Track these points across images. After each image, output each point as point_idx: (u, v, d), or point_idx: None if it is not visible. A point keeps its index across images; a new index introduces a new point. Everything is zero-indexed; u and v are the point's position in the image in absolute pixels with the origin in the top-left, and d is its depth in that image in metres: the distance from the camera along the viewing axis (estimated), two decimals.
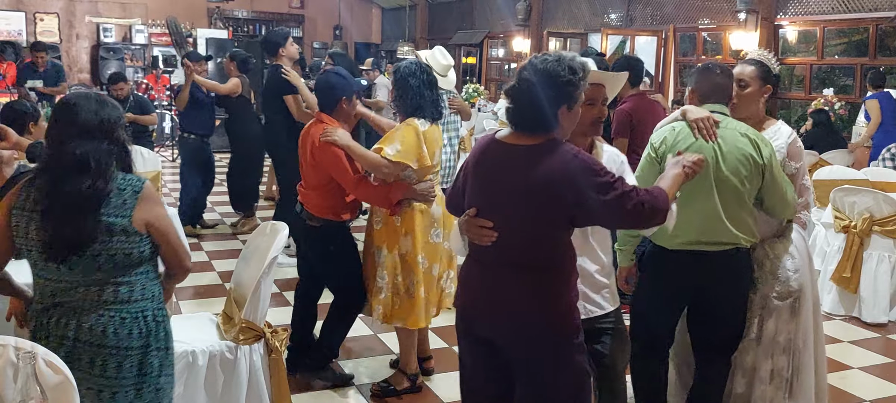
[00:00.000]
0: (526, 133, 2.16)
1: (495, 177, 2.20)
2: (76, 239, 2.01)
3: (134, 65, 14.84)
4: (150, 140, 7.79)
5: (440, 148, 3.51)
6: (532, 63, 2.16)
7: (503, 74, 14.96)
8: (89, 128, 2.07)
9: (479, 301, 2.26)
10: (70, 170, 2.02)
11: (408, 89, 3.38)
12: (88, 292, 2.07)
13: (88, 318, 2.06)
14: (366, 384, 3.69)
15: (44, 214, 2.03)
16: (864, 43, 8.83)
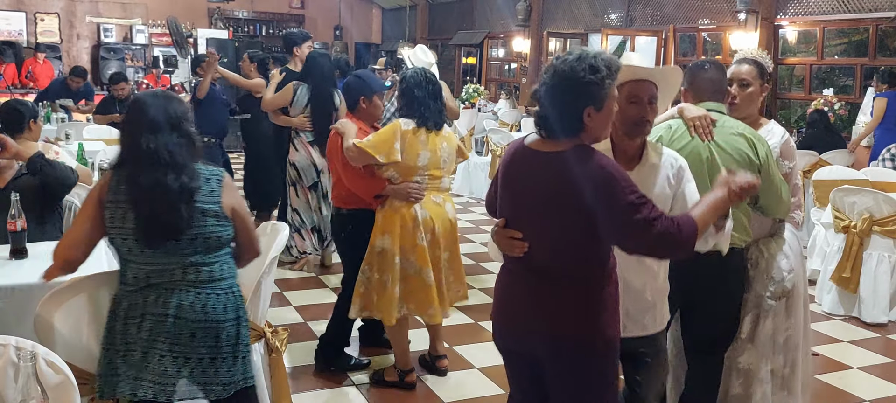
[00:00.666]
0: (552, 138, 2.05)
1: (523, 184, 2.12)
2: (175, 227, 2.20)
3: (134, 65, 14.84)
4: None
5: (435, 153, 3.51)
6: (553, 64, 2.05)
7: (503, 75, 14.96)
8: (158, 122, 2.24)
9: (511, 312, 2.19)
10: (145, 164, 2.20)
11: (414, 100, 3.49)
12: (185, 272, 2.24)
13: (187, 296, 2.24)
14: (366, 384, 3.70)
15: (137, 206, 2.20)
16: (864, 43, 8.84)
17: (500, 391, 3.67)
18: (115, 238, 2.25)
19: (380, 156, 3.38)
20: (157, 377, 2.19)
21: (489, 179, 8.55)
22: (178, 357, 2.20)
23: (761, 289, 2.88)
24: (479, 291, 5.25)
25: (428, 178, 3.52)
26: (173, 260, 2.23)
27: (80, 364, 2.32)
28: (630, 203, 1.95)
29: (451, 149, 3.63)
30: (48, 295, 2.27)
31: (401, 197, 3.47)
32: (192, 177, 2.23)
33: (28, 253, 2.92)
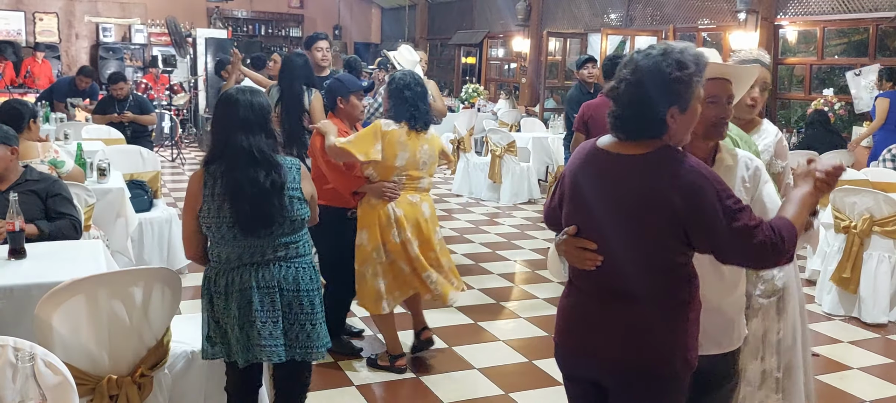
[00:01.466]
0: (631, 140, 1.86)
1: (598, 191, 1.91)
2: (269, 218, 2.45)
3: (133, 64, 14.83)
4: (150, 140, 7.77)
5: (414, 154, 3.64)
6: (634, 59, 1.86)
7: (503, 74, 14.95)
8: (249, 120, 2.46)
9: (579, 334, 1.98)
10: (240, 161, 2.44)
11: (404, 101, 3.62)
12: (276, 251, 2.51)
13: (282, 270, 2.51)
14: (365, 384, 3.69)
15: (234, 200, 2.43)
16: (864, 43, 8.83)
17: (500, 391, 3.67)
18: (211, 225, 2.48)
19: (360, 154, 3.52)
20: (266, 341, 2.47)
21: (489, 179, 8.55)
22: (279, 323, 2.50)
23: (751, 288, 2.87)
24: (479, 291, 5.25)
25: (405, 178, 3.66)
26: (266, 243, 2.49)
27: (78, 364, 2.32)
28: (728, 209, 1.77)
29: (431, 151, 3.73)
30: (46, 296, 2.26)
31: (376, 195, 3.62)
32: (280, 172, 2.49)
33: (26, 254, 2.91)
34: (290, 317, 2.54)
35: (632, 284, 1.88)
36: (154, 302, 2.48)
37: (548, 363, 4.02)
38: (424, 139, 3.69)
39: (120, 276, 2.49)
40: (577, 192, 1.97)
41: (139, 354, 2.47)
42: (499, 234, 7.02)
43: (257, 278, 2.48)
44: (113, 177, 4.84)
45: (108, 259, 3.19)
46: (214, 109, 2.57)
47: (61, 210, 3.41)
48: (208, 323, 2.57)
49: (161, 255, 5.15)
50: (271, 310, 2.49)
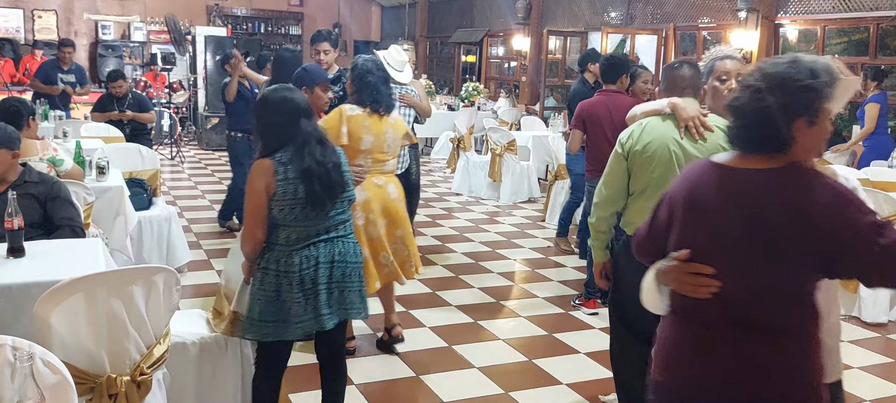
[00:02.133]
0: (752, 153, 1.74)
1: (718, 210, 1.75)
2: (335, 193, 2.75)
3: (132, 62, 14.82)
4: (149, 138, 7.76)
5: (379, 137, 3.77)
6: (760, 68, 1.74)
7: (503, 73, 14.94)
8: (306, 110, 2.77)
9: (697, 371, 1.80)
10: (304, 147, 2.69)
11: (366, 85, 3.77)
12: (336, 228, 2.79)
13: (342, 245, 2.79)
14: (363, 383, 3.69)
15: (307, 180, 2.67)
16: (865, 42, 8.83)
17: (500, 390, 3.66)
18: (285, 208, 2.67)
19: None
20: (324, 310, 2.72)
21: (489, 178, 8.54)
22: (340, 290, 2.78)
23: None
24: (479, 290, 5.24)
25: (371, 161, 3.80)
26: (325, 221, 2.75)
27: (77, 363, 2.31)
28: (871, 225, 1.63)
29: (396, 134, 3.87)
30: (45, 295, 2.25)
31: None
32: (335, 152, 2.80)
33: (25, 252, 2.90)
34: (344, 286, 2.80)
35: (759, 314, 1.72)
36: (153, 301, 2.47)
37: (547, 362, 4.01)
38: (388, 123, 3.82)
39: (119, 275, 2.48)
40: (691, 211, 1.81)
41: (138, 353, 2.46)
42: (499, 233, 7.01)
43: (322, 253, 2.74)
44: (112, 175, 4.83)
45: (108, 257, 3.18)
46: (268, 104, 2.76)
47: (62, 214, 3.39)
48: (262, 304, 2.69)
49: (160, 254, 5.14)
50: (331, 282, 2.76)
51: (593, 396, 3.63)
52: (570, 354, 4.15)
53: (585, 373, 3.89)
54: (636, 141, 2.78)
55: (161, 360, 2.56)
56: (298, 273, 2.68)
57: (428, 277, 5.45)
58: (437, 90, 14.68)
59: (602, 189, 2.93)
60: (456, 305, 4.88)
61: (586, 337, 4.39)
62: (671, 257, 1.82)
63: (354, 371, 3.80)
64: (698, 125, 2.69)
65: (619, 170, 2.83)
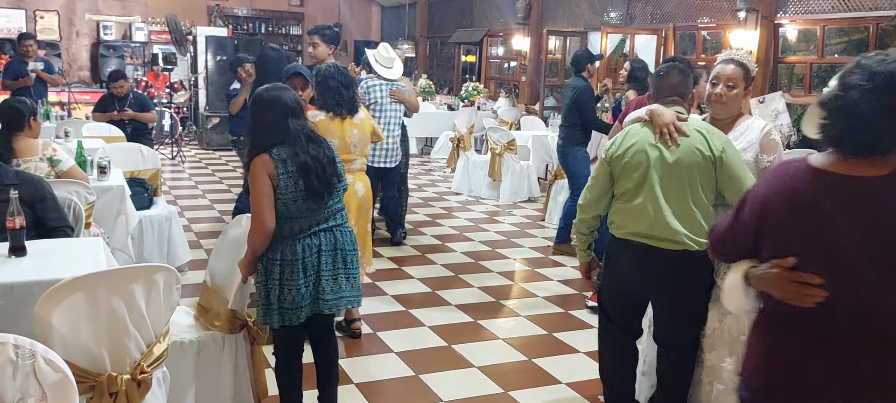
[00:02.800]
0: (857, 156, 1.66)
1: (832, 218, 1.67)
2: (332, 185, 2.90)
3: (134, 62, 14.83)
4: (150, 138, 7.78)
5: (343, 139, 3.98)
6: (863, 65, 1.65)
7: (503, 73, 14.95)
8: (294, 108, 2.89)
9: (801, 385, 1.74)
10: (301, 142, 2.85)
11: (328, 90, 3.96)
12: (333, 217, 2.95)
13: (339, 233, 2.96)
14: (363, 382, 3.70)
15: (306, 174, 2.82)
16: (865, 42, 8.83)
17: (499, 389, 3.68)
18: (288, 201, 2.82)
19: None
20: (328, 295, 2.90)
21: (488, 177, 8.55)
22: (339, 277, 2.93)
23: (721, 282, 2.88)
24: (478, 289, 5.25)
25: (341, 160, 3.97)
26: (324, 212, 2.91)
27: (78, 362, 2.33)
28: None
29: (362, 134, 4.05)
30: (47, 293, 2.27)
31: None
32: (328, 147, 2.95)
33: (27, 251, 2.92)
34: (345, 272, 2.97)
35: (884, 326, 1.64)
36: (154, 300, 2.49)
37: (547, 361, 4.02)
38: (352, 124, 4.01)
39: (120, 274, 2.49)
40: (797, 219, 1.72)
41: (139, 351, 2.48)
42: (498, 232, 7.02)
43: (324, 241, 2.91)
44: (113, 174, 4.85)
45: (109, 256, 3.20)
46: (260, 104, 2.90)
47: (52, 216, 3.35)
48: (269, 293, 2.88)
49: (161, 253, 5.16)
50: (332, 268, 2.92)
51: (592, 395, 3.64)
52: (569, 353, 4.17)
53: (585, 373, 3.91)
54: (618, 147, 2.92)
55: (161, 359, 2.57)
56: (301, 260, 2.85)
57: (428, 276, 5.47)
58: (437, 90, 14.70)
59: (586, 193, 3.06)
60: (456, 304, 4.90)
61: (586, 337, 4.41)
62: (774, 264, 1.75)
63: (354, 371, 3.81)
64: (672, 131, 2.79)
65: (603, 175, 2.98)
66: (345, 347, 4.13)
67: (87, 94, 12.33)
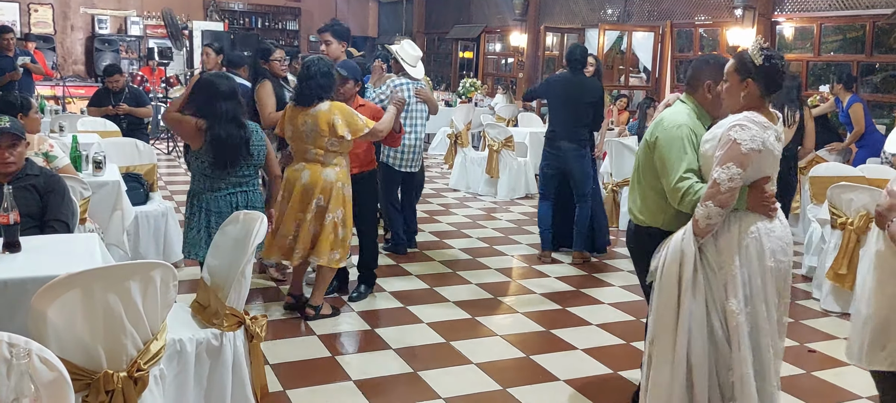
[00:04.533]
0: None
1: None
2: (237, 161, 3.70)
3: (129, 56, 14.77)
4: (146, 133, 7.74)
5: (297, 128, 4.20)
6: None
7: (500, 69, 14.92)
8: (226, 92, 3.63)
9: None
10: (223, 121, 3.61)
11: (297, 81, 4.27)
12: (242, 181, 3.80)
13: (248, 194, 3.82)
14: (361, 379, 3.69)
15: (216, 147, 3.61)
16: (861, 40, 8.84)
17: (498, 386, 3.67)
18: (201, 164, 3.69)
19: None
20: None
21: (486, 174, 8.53)
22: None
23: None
24: (476, 286, 5.24)
25: (293, 148, 4.31)
26: (237, 178, 3.75)
27: (73, 359, 2.30)
28: None
29: (314, 124, 4.14)
30: (42, 290, 2.24)
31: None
32: (246, 130, 3.69)
33: (21, 247, 2.89)
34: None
35: None
36: (150, 297, 2.47)
37: (545, 358, 4.01)
38: (309, 114, 4.15)
39: (116, 270, 2.47)
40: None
41: (135, 349, 2.46)
42: (496, 229, 7.01)
43: (240, 199, 3.75)
44: (109, 169, 4.82)
45: (104, 252, 3.17)
46: (202, 84, 3.67)
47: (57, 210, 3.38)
48: (197, 232, 3.73)
49: (157, 249, 5.13)
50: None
51: (591, 392, 3.63)
52: (567, 350, 4.16)
53: (583, 369, 3.90)
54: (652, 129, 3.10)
55: (158, 356, 2.55)
56: (218, 212, 3.71)
57: (425, 273, 5.45)
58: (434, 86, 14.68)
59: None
60: (453, 301, 4.88)
61: (584, 333, 4.40)
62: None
63: (351, 368, 3.80)
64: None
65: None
66: (343, 344, 4.11)
67: (82, 89, 12.26)
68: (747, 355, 2.75)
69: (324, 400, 3.48)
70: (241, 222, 3.10)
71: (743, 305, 2.73)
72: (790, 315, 4.83)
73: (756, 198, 2.74)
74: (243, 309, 3.03)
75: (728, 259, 2.74)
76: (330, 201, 4.21)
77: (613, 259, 6.12)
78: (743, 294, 2.73)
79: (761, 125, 2.71)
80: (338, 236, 4.27)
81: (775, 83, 2.77)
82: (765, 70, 2.73)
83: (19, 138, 3.35)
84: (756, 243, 2.73)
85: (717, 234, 2.76)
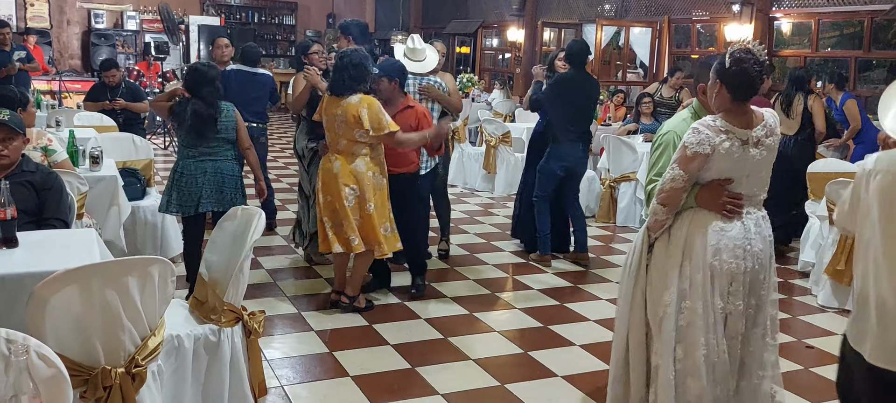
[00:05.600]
0: None
1: None
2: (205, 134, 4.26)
3: (125, 51, 14.73)
4: (143, 128, 7.71)
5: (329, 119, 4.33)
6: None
7: (497, 64, 14.91)
8: (210, 79, 4.28)
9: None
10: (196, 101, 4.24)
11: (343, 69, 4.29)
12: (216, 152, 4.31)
13: (221, 162, 4.33)
14: (358, 375, 3.68)
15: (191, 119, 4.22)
16: (859, 35, 8.85)
17: (495, 382, 3.67)
18: (179, 132, 4.37)
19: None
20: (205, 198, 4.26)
21: (483, 170, 8.53)
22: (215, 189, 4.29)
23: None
24: (473, 282, 5.23)
25: (328, 138, 4.41)
26: (210, 146, 4.30)
27: (71, 355, 2.30)
28: None
29: (343, 115, 4.23)
30: (39, 286, 2.23)
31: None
32: (217, 109, 4.27)
33: (18, 243, 2.88)
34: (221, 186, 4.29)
35: None
36: (148, 292, 2.46)
37: (543, 353, 4.01)
38: (340, 105, 4.24)
39: (113, 266, 2.46)
40: None
41: (133, 345, 2.45)
42: (493, 225, 7.01)
43: (209, 166, 4.30)
44: (105, 164, 4.80)
45: (102, 248, 3.16)
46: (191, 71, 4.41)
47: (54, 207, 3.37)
48: (170, 192, 4.33)
49: (154, 244, 5.12)
50: (212, 183, 4.28)
51: (588, 388, 3.64)
52: (565, 346, 4.16)
53: (580, 365, 3.90)
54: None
55: (156, 352, 2.54)
56: (193, 175, 4.26)
57: None
58: None
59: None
60: (451, 297, 4.88)
61: (581, 329, 4.40)
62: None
63: (349, 363, 3.79)
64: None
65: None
66: (340, 340, 4.11)
67: (79, 83, 12.22)
68: (667, 346, 2.81)
69: (322, 396, 3.47)
70: (239, 218, 3.09)
71: (675, 298, 2.80)
72: (787, 311, 4.86)
73: (710, 197, 2.76)
74: (241, 304, 3.03)
75: (675, 252, 2.82)
76: (364, 190, 4.26)
77: (611, 255, 6.12)
78: (678, 288, 2.79)
79: (715, 130, 2.70)
80: (379, 224, 4.33)
81: (743, 89, 2.72)
82: (731, 74, 2.70)
83: (17, 132, 3.33)
84: (702, 240, 2.78)
85: (671, 229, 2.84)
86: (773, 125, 2.81)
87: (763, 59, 2.74)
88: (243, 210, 3.15)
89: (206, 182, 4.23)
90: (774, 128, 2.81)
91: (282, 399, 3.41)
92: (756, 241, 2.82)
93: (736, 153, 2.72)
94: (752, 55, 2.70)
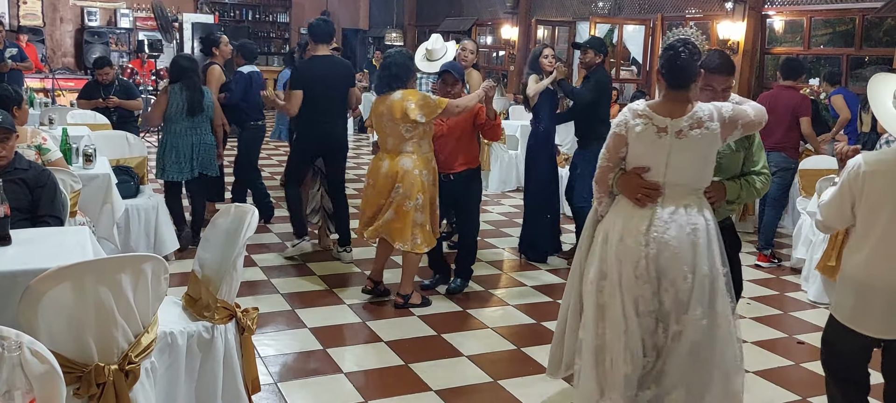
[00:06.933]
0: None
1: None
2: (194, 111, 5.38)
3: (119, 49, 14.69)
4: (136, 125, 7.70)
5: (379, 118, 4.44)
6: None
7: (491, 62, 14.91)
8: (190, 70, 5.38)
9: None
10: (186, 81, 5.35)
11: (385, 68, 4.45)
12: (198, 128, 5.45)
13: (203, 135, 5.49)
14: (352, 371, 3.70)
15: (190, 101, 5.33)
16: (851, 33, 8.88)
17: (488, 378, 3.68)
18: (172, 110, 5.36)
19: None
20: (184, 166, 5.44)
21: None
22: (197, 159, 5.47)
23: None
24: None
25: (378, 139, 4.57)
26: (194, 122, 5.40)
27: (65, 352, 2.30)
28: None
29: (389, 112, 4.33)
30: (33, 283, 2.24)
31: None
32: (202, 93, 5.42)
33: (11, 240, 2.88)
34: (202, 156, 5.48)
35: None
36: (141, 290, 2.47)
37: (536, 350, 4.03)
38: (384, 103, 4.37)
39: (107, 263, 2.47)
40: None
41: (126, 342, 2.46)
42: (487, 222, 7.02)
43: (194, 139, 5.42)
44: (99, 162, 4.80)
45: (95, 245, 3.17)
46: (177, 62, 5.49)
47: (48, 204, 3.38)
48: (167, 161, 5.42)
49: (148, 242, 5.12)
50: (193, 153, 5.43)
51: None
52: None
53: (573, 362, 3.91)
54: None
55: (149, 349, 2.55)
56: (181, 148, 5.37)
57: None
58: None
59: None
60: (444, 293, 4.89)
61: None
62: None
63: (343, 360, 3.81)
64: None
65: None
66: (333, 337, 4.12)
67: (72, 81, 12.18)
68: (590, 321, 2.94)
69: (315, 393, 3.49)
70: (232, 215, 3.10)
71: (596, 276, 2.91)
72: (780, 307, 4.88)
73: (625, 183, 2.89)
74: (235, 301, 3.03)
75: (599, 233, 2.97)
76: (408, 188, 4.32)
77: None
78: (598, 268, 2.91)
79: (634, 113, 2.86)
80: (417, 221, 4.37)
81: (674, 76, 2.79)
82: (661, 63, 2.85)
83: (10, 132, 3.35)
84: (611, 222, 2.92)
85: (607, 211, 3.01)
86: (704, 118, 2.76)
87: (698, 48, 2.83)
88: (237, 207, 3.15)
89: (194, 151, 5.40)
90: (705, 122, 2.76)
91: (275, 396, 3.42)
92: (670, 230, 2.77)
93: (649, 139, 2.80)
94: (685, 45, 2.78)
